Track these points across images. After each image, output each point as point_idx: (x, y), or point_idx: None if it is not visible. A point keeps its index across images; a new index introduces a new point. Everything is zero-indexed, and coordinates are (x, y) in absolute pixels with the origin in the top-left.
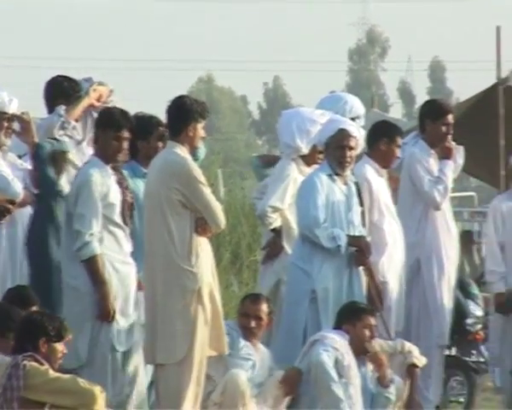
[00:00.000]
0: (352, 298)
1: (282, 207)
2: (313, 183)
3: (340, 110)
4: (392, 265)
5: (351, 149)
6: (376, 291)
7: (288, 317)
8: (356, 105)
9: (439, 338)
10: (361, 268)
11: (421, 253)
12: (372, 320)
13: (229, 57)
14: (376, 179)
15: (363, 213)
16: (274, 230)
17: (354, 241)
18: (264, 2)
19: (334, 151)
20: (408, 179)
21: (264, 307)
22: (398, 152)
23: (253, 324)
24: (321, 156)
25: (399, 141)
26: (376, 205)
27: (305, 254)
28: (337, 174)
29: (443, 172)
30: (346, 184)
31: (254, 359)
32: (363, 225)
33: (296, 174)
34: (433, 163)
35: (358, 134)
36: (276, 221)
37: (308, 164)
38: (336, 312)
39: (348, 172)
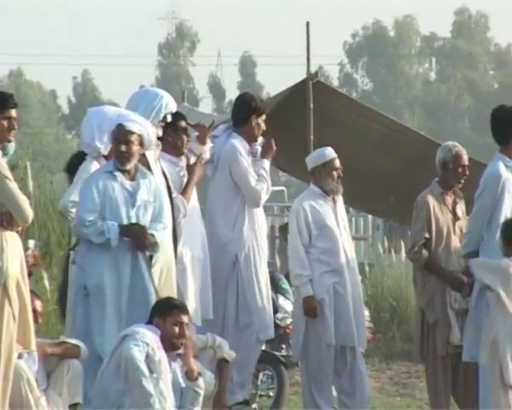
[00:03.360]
0: (134, 292)
1: None
2: (87, 182)
3: (157, 105)
4: (189, 252)
5: (127, 143)
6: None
7: (69, 313)
8: (171, 100)
9: (260, 333)
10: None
11: (238, 249)
12: (184, 318)
13: (38, 51)
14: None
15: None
16: None
17: (125, 230)
18: None
19: (114, 146)
20: (227, 173)
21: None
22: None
23: None
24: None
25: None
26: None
27: (83, 249)
28: (121, 170)
29: (266, 170)
30: (133, 179)
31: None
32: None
33: None
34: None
35: (143, 130)
36: None
37: None
38: (116, 307)
39: (130, 167)
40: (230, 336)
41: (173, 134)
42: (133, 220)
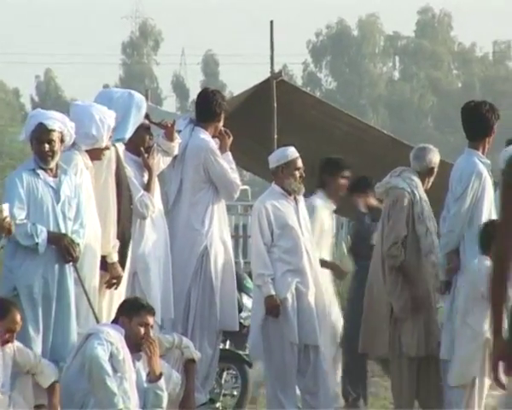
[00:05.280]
0: (64, 294)
1: None
2: (12, 180)
3: (142, 111)
4: (151, 251)
5: (50, 142)
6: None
7: None
8: (143, 100)
9: (228, 326)
10: None
11: (209, 240)
12: (150, 320)
13: (0, 49)
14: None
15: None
16: None
17: (54, 239)
18: None
19: (35, 146)
20: (199, 168)
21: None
22: None
23: None
24: (106, 153)
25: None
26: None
27: (10, 250)
28: (42, 168)
29: (232, 162)
30: (55, 176)
31: None
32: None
33: (82, 165)
34: None
35: (63, 126)
36: None
37: (92, 158)
38: (47, 307)
39: (53, 165)
40: (189, 329)
41: (135, 133)
42: (59, 216)
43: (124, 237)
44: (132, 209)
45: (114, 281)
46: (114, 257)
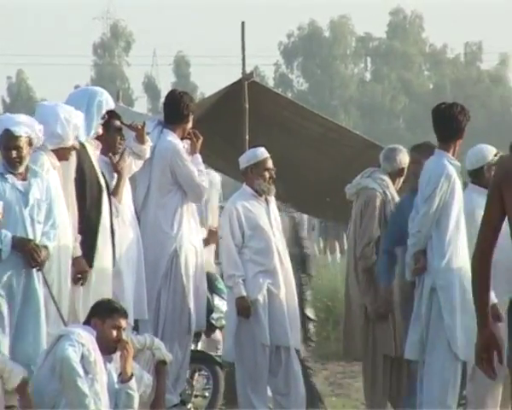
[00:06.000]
0: (31, 297)
1: None
2: None
3: (99, 103)
4: (124, 253)
5: (17, 148)
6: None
7: None
8: (109, 97)
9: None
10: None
11: (178, 243)
12: (123, 322)
13: None
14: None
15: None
16: None
17: (18, 245)
18: None
19: (3, 152)
20: (166, 170)
21: None
22: None
23: None
24: (73, 152)
25: None
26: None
27: None
28: (11, 172)
29: (202, 164)
30: (24, 179)
31: None
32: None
33: (48, 165)
34: None
35: (30, 130)
36: None
37: (59, 158)
38: (18, 310)
39: (22, 169)
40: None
41: (106, 134)
42: (27, 220)
43: (90, 230)
44: (103, 201)
45: (79, 276)
46: (77, 251)
